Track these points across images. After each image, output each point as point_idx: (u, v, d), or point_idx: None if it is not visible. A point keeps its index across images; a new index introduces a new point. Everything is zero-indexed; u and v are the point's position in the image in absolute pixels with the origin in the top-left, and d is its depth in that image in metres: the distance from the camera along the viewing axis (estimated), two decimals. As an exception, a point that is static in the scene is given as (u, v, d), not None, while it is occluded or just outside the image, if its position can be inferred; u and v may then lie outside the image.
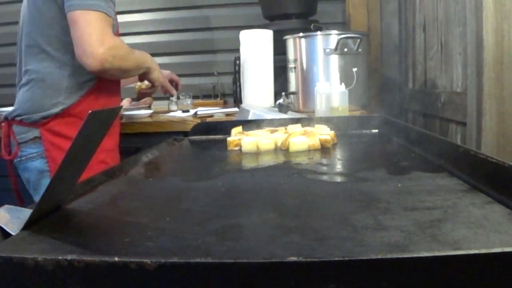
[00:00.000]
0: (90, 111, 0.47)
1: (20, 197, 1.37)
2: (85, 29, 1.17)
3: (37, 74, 1.27)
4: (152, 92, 1.60)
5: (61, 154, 1.41)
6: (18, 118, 1.29)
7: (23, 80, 1.31)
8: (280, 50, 1.82)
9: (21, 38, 1.33)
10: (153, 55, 2.39)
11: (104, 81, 1.33)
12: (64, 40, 1.24)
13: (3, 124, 1.36)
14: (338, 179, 0.71)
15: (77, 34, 1.18)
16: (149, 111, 1.89)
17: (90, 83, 1.30)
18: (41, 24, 1.26)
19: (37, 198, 1.31)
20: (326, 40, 1.69)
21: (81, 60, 1.19)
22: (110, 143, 1.38)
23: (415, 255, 0.32)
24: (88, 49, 1.17)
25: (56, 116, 1.27)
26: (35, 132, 1.28)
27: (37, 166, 1.29)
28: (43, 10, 1.25)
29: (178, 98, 2.04)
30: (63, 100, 1.27)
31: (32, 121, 1.27)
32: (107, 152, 1.34)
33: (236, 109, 1.79)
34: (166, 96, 2.15)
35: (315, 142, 0.91)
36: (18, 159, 1.31)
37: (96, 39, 1.17)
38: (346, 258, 0.33)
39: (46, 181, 1.27)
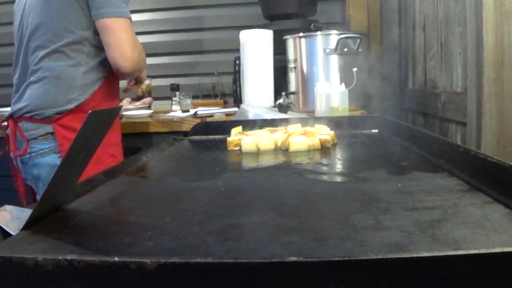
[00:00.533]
0: (90, 111, 0.47)
1: (26, 198, 1.38)
2: (121, 35, 1.30)
3: (51, 71, 1.31)
4: (133, 89, 1.68)
5: None
6: (28, 115, 1.32)
7: (33, 78, 1.33)
8: (280, 50, 1.82)
9: (28, 38, 1.35)
10: (153, 55, 2.40)
11: (110, 79, 1.39)
12: (82, 42, 1.32)
13: (5, 123, 1.37)
14: (338, 179, 0.71)
15: (113, 40, 1.29)
16: (149, 111, 1.89)
17: (100, 80, 1.37)
18: (59, 28, 1.31)
19: None
20: (326, 40, 1.69)
21: (117, 62, 1.30)
22: (117, 137, 1.44)
23: (415, 255, 0.32)
24: (125, 53, 1.30)
25: (69, 112, 1.31)
26: (47, 128, 1.31)
27: (49, 161, 1.31)
28: (62, 15, 1.30)
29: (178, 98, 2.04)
30: (77, 97, 1.33)
31: (44, 117, 1.31)
32: (115, 146, 1.40)
33: (236, 109, 1.79)
34: (167, 96, 2.16)
35: (315, 142, 0.91)
36: (27, 155, 1.33)
37: (130, 44, 1.31)
38: (346, 258, 0.33)
39: None
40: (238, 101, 1.95)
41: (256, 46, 1.74)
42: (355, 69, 1.62)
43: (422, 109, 1.71)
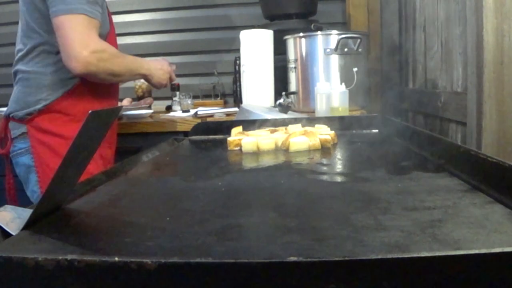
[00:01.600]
0: (90, 111, 0.47)
1: (13, 196, 1.38)
2: (69, 33, 1.19)
3: (23, 73, 1.32)
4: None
5: (45, 150, 1.30)
6: (11, 115, 1.35)
7: (15, 80, 1.36)
8: (280, 50, 1.82)
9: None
10: (153, 55, 2.40)
11: (92, 82, 1.34)
12: (49, 42, 1.28)
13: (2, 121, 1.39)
14: (338, 179, 0.71)
15: (61, 39, 1.21)
16: (149, 111, 1.89)
17: (74, 79, 1.32)
18: (28, 31, 1.30)
19: (28, 193, 1.33)
20: (326, 40, 1.69)
21: (66, 63, 1.22)
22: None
23: (415, 255, 0.32)
24: (72, 53, 1.19)
25: (40, 112, 1.30)
26: (22, 128, 1.32)
27: (25, 161, 1.32)
28: (27, 18, 1.29)
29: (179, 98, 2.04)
30: (45, 97, 1.30)
31: (19, 118, 1.31)
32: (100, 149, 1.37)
33: (236, 109, 1.79)
34: (167, 96, 2.16)
35: (315, 142, 0.91)
36: (12, 153, 1.35)
37: (79, 43, 1.19)
38: (346, 258, 0.33)
39: (33, 176, 1.31)
40: (238, 101, 1.95)
41: (256, 46, 1.73)
42: (355, 69, 1.62)
43: (422, 109, 1.71)
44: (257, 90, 1.75)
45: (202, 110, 1.81)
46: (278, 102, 1.46)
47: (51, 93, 1.30)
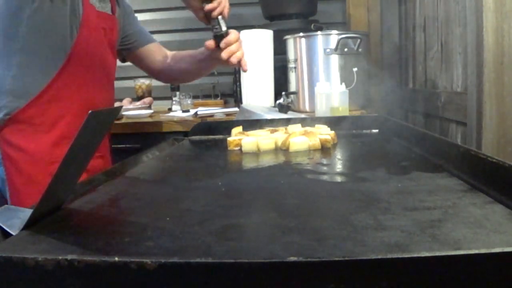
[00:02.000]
0: (90, 111, 0.47)
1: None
2: None
3: None
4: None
5: (11, 166, 1.14)
6: None
7: None
8: (280, 50, 1.82)
9: None
10: (153, 55, 2.37)
11: (63, 85, 1.14)
12: (11, 38, 1.11)
13: None
14: (338, 179, 0.71)
15: None
16: (149, 111, 1.89)
17: (39, 85, 1.11)
18: None
19: (8, 202, 1.13)
20: (326, 40, 1.69)
21: None
22: None
23: (415, 255, 0.32)
24: None
25: (5, 123, 1.11)
26: None
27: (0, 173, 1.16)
28: None
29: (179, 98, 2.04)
30: (7, 104, 1.10)
31: None
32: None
33: (236, 109, 1.79)
34: (167, 96, 2.16)
35: (315, 142, 0.91)
36: None
37: None
38: (346, 258, 0.33)
39: (7, 190, 1.13)
40: (238, 101, 1.95)
41: (256, 46, 1.74)
42: (355, 69, 1.62)
43: (422, 109, 1.71)
44: (257, 90, 1.75)
45: (202, 110, 1.81)
46: (278, 102, 1.46)
47: (13, 100, 1.10)
